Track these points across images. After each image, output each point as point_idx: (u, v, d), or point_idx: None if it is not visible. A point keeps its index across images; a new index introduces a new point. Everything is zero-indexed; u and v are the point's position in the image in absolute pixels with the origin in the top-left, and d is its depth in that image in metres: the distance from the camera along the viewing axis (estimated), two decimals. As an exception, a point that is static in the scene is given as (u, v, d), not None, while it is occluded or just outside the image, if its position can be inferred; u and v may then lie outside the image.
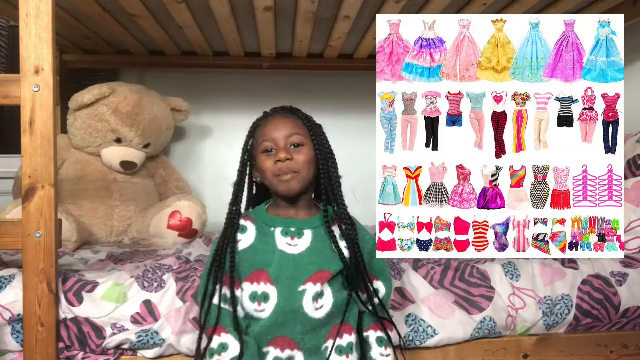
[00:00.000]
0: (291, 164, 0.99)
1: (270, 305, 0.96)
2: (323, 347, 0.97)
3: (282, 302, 0.96)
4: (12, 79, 1.07)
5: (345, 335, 0.98)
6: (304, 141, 1.02)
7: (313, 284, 0.96)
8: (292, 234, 1.01)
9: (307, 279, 0.96)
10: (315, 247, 1.00)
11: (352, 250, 1.00)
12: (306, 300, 0.96)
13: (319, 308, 0.97)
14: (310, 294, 0.96)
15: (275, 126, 1.02)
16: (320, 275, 0.98)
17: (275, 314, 0.95)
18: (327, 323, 0.98)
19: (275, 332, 0.95)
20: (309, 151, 1.02)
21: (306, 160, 1.01)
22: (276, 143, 1.00)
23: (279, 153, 0.98)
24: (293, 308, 0.95)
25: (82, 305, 1.12)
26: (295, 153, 1.00)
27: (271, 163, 0.99)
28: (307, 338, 0.96)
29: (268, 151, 1.01)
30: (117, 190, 1.90)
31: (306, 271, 0.97)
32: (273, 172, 0.99)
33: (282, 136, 1.00)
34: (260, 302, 0.96)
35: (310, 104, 2.41)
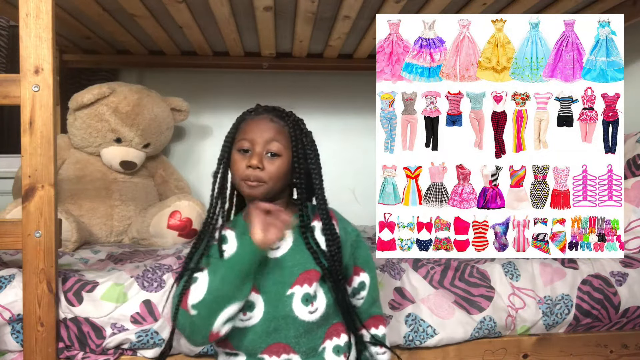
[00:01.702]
0: (260, 173, 0.93)
1: (258, 313, 0.92)
2: (320, 348, 0.95)
3: (271, 308, 0.92)
4: (12, 79, 1.07)
5: (342, 335, 0.96)
6: (282, 152, 0.95)
7: (300, 286, 0.93)
8: None
9: (293, 281, 0.93)
10: (298, 248, 0.96)
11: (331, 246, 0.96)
12: (296, 303, 0.92)
13: (314, 312, 0.94)
14: (299, 296, 0.93)
15: (258, 127, 0.96)
16: (307, 276, 0.94)
17: (265, 321, 0.92)
18: (322, 324, 0.95)
19: (268, 340, 0.92)
20: (284, 163, 0.95)
21: (277, 173, 0.95)
22: (253, 146, 0.95)
23: (252, 158, 0.93)
24: (283, 313, 0.92)
25: (82, 305, 1.12)
26: (269, 163, 0.94)
27: (243, 165, 0.95)
28: (303, 341, 0.93)
29: (244, 151, 0.96)
30: (117, 190, 1.90)
31: (292, 274, 0.94)
32: (241, 175, 0.95)
33: (262, 140, 0.95)
34: (245, 312, 0.92)
35: (310, 104, 2.43)
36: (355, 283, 1.03)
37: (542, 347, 1.29)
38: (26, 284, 1.07)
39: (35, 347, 1.07)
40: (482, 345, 1.27)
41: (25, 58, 1.06)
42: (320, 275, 0.95)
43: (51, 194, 1.07)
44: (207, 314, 0.85)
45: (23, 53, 1.06)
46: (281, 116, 0.98)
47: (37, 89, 1.06)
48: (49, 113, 1.06)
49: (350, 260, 1.01)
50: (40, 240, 1.06)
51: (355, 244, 1.03)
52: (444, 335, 1.23)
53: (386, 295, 1.25)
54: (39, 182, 1.06)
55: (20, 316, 1.10)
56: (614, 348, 1.32)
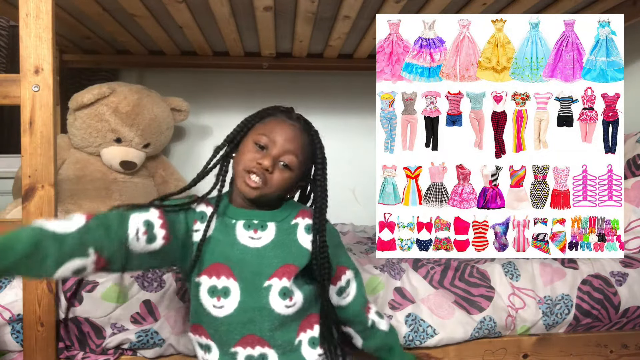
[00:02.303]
0: (267, 175, 0.92)
1: (232, 301, 0.91)
2: (296, 341, 0.94)
3: (247, 298, 0.92)
4: (12, 79, 1.07)
5: (315, 327, 0.96)
6: (295, 167, 0.95)
7: (279, 279, 0.92)
8: (255, 227, 0.95)
9: (272, 273, 0.92)
10: (279, 241, 0.95)
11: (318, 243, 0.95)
12: (272, 296, 0.91)
13: (291, 306, 0.93)
14: (276, 289, 0.92)
15: (286, 132, 0.94)
16: (286, 270, 0.93)
17: (240, 310, 0.91)
18: (297, 318, 0.95)
19: (242, 331, 0.91)
20: (291, 177, 0.95)
21: (282, 185, 0.94)
22: (272, 147, 0.93)
23: (265, 159, 0.92)
24: (259, 305, 0.91)
25: (82, 305, 1.12)
26: (279, 172, 0.93)
27: (253, 157, 0.92)
28: (277, 334, 0.92)
29: (260, 146, 0.94)
30: (117, 190, 1.90)
31: (271, 265, 0.93)
32: (247, 166, 0.93)
33: (283, 146, 0.93)
34: (219, 297, 0.91)
35: (310, 104, 2.43)
36: (343, 282, 1.03)
37: (542, 347, 1.29)
38: (26, 284, 1.07)
39: (35, 347, 1.07)
40: (482, 345, 1.27)
41: (25, 58, 1.06)
42: (297, 271, 0.93)
43: (51, 194, 1.07)
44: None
45: (23, 53, 1.06)
46: (309, 132, 0.98)
47: (37, 89, 1.06)
48: (49, 113, 1.06)
49: (334, 259, 1.00)
50: (40, 240, 1.06)
51: (337, 244, 1.03)
52: (444, 335, 1.23)
53: (386, 295, 1.25)
54: (39, 182, 1.06)
55: (20, 316, 1.10)
56: (614, 348, 1.32)
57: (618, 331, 1.34)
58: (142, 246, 0.88)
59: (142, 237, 0.87)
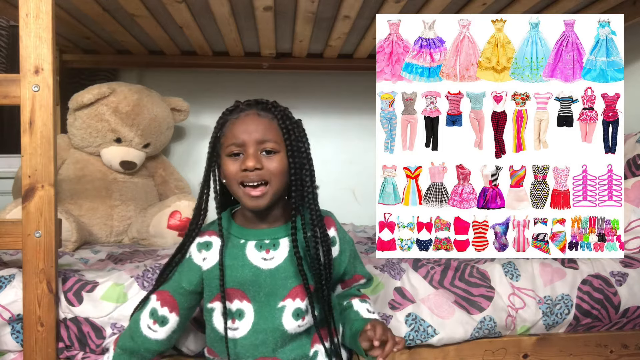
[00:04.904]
0: (262, 172, 0.86)
1: (246, 323, 0.89)
2: (312, 352, 0.92)
3: (260, 320, 0.89)
4: (12, 79, 1.07)
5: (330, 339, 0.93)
6: (278, 147, 0.87)
7: (292, 299, 0.89)
8: (267, 247, 0.91)
9: (286, 294, 0.89)
10: (293, 259, 0.89)
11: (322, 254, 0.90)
12: (286, 317, 0.89)
13: (303, 325, 0.91)
14: (290, 310, 0.89)
15: (246, 127, 0.87)
16: (300, 290, 0.90)
17: (254, 332, 0.89)
18: (308, 333, 0.93)
19: (255, 353, 0.89)
20: (283, 159, 0.87)
21: (279, 169, 0.87)
22: (245, 149, 0.86)
23: (247, 161, 0.85)
24: (272, 326, 0.89)
25: (82, 305, 1.12)
26: (267, 160, 0.86)
27: (237, 168, 0.86)
28: (288, 349, 0.90)
29: (235, 155, 0.88)
30: (117, 190, 1.90)
31: (285, 286, 0.89)
32: (238, 180, 0.86)
33: (252, 141, 0.86)
34: (234, 320, 0.89)
35: (310, 104, 2.43)
36: (357, 285, 1.04)
37: (542, 347, 1.29)
38: (26, 284, 1.07)
39: (35, 347, 1.07)
40: (482, 345, 1.27)
41: (25, 58, 1.06)
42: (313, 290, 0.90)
43: (51, 194, 1.07)
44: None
45: (23, 53, 1.06)
46: (267, 108, 0.90)
47: (37, 89, 1.06)
48: (49, 113, 1.06)
49: (351, 268, 1.01)
50: (40, 240, 1.06)
51: (354, 253, 1.02)
52: (444, 335, 1.23)
53: (386, 295, 1.25)
54: (39, 182, 1.06)
55: (20, 316, 1.10)
56: (614, 348, 1.32)
57: (618, 331, 1.34)
58: (164, 329, 0.93)
59: (156, 326, 0.93)
